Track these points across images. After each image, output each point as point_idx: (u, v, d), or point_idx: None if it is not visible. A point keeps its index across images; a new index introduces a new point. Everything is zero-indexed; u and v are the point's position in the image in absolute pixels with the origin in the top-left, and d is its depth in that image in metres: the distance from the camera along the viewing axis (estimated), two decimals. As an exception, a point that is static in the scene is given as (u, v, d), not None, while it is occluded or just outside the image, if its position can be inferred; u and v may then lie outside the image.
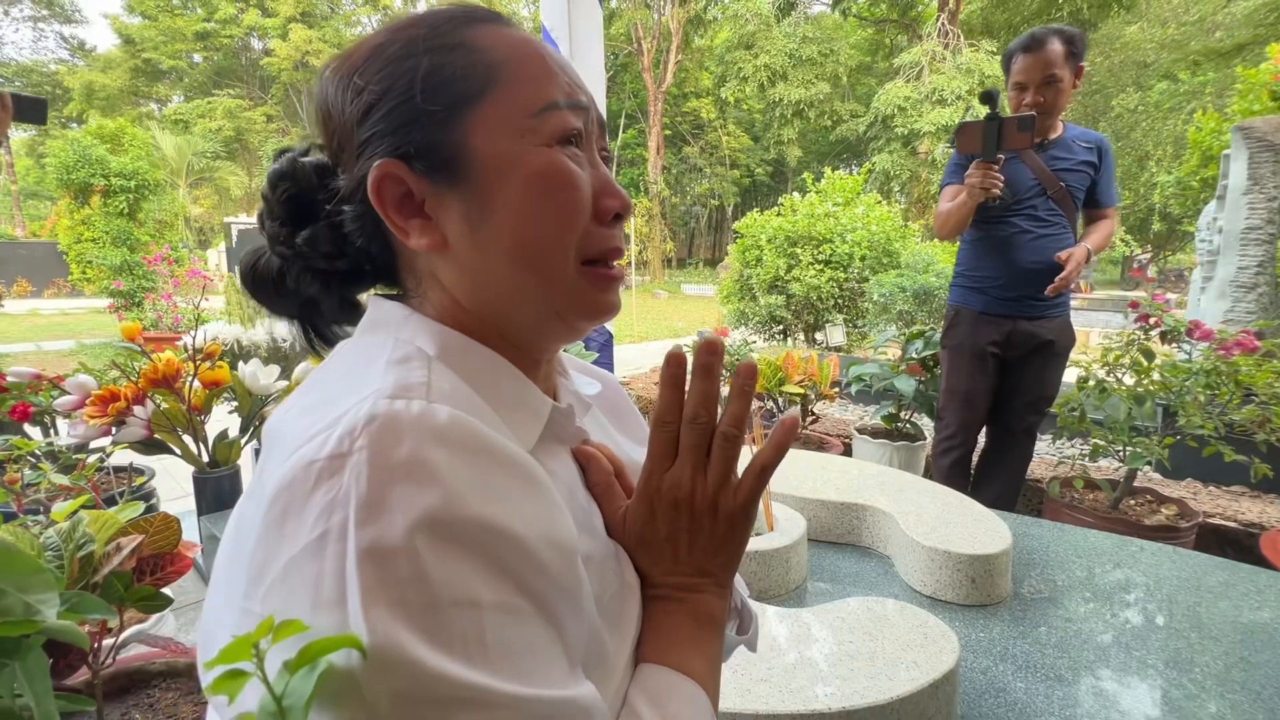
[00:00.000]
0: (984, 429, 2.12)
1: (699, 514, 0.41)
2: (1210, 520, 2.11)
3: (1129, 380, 1.99)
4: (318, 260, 0.42)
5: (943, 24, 16.39)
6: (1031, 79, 1.81)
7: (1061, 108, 1.84)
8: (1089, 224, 2.00)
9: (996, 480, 2.10)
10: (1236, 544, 2.07)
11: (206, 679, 0.32)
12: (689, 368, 0.41)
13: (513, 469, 0.33)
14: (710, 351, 0.39)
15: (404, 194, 0.38)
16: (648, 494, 0.41)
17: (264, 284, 0.44)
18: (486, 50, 0.39)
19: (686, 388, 0.41)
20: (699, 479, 0.40)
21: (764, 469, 0.41)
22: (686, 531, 0.41)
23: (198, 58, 27.01)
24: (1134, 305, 2.02)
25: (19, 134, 27.72)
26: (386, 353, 0.36)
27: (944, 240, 2.15)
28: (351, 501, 0.28)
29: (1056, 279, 1.82)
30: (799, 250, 6.20)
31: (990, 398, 2.05)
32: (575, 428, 0.45)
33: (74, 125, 24.22)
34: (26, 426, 1.53)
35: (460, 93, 0.38)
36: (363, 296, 0.47)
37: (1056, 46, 1.78)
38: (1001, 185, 1.80)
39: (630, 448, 0.54)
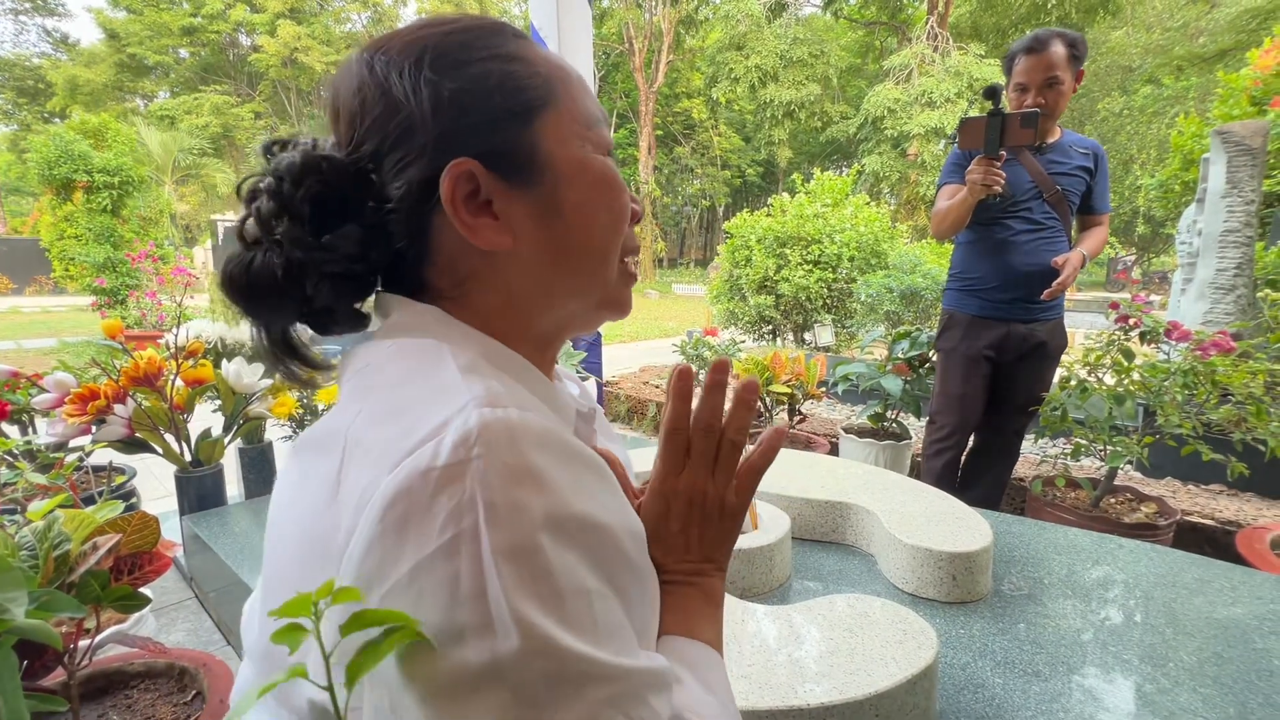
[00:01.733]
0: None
1: (710, 510, 0.45)
2: (1189, 518, 2.15)
3: (1110, 380, 2.02)
4: (335, 264, 0.39)
5: (932, 27, 16.53)
6: (1033, 80, 1.80)
7: (1061, 110, 1.84)
8: (1083, 230, 2.01)
9: (984, 480, 2.12)
10: (1214, 541, 2.10)
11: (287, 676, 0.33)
12: (692, 382, 0.45)
13: (594, 468, 0.37)
14: (721, 370, 0.44)
15: (469, 193, 0.39)
16: (663, 493, 0.45)
17: (260, 290, 0.39)
18: (540, 64, 0.42)
19: (693, 399, 0.46)
20: (709, 480, 0.45)
21: (759, 470, 0.46)
22: (699, 525, 0.45)
23: (184, 53, 26.70)
24: (1114, 306, 2.04)
25: (0, 128, 27.28)
26: (448, 359, 0.38)
27: (941, 239, 2.16)
28: (479, 506, 0.30)
29: (1054, 284, 1.82)
30: (788, 251, 6.24)
31: (984, 401, 2.06)
32: (590, 430, 0.49)
33: (57, 120, 23.85)
34: (4, 425, 1.51)
35: (531, 100, 0.41)
36: (368, 303, 0.46)
37: (1059, 49, 1.77)
38: (1003, 182, 1.78)
39: None
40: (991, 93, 1.71)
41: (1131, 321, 2.00)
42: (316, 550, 0.33)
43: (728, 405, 0.45)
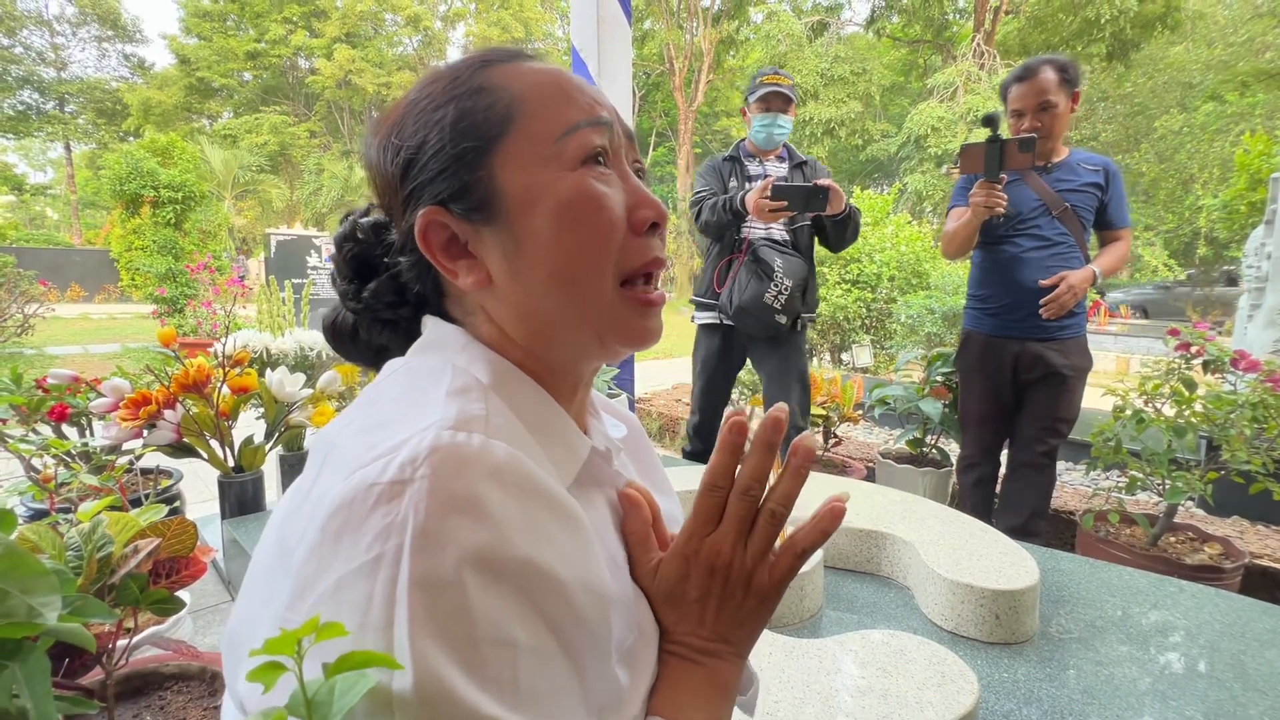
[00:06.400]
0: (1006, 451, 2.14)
1: (733, 585, 0.41)
2: (1258, 561, 2.00)
3: (1169, 411, 1.91)
4: (383, 311, 0.46)
5: (978, 45, 16.24)
6: (1027, 105, 1.89)
7: (1059, 132, 1.91)
8: (1103, 245, 2.03)
9: (1019, 506, 2.04)
10: (1287, 588, 1.95)
11: (234, 675, 0.33)
12: (749, 436, 0.41)
13: (559, 511, 0.34)
14: (775, 429, 0.39)
15: (449, 237, 0.41)
16: (685, 554, 0.41)
17: (343, 338, 0.48)
18: (505, 88, 0.40)
19: (741, 456, 0.41)
20: (739, 550, 0.41)
21: (804, 552, 0.41)
22: (717, 598, 0.41)
23: (247, 76, 28.22)
24: (1174, 332, 1.94)
25: (80, 147, 29.28)
26: (446, 379, 0.37)
27: (951, 260, 2.23)
28: (409, 529, 0.29)
29: (1043, 301, 1.87)
30: (825, 269, 6.15)
31: (1006, 419, 2.09)
32: (612, 471, 0.45)
33: (131, 139, 25.43)
34: (64, 426, 1.58)
35: (485, 134, 0.39)
36: None
37: (1049, 74, 1.86)
38: (1005, 204, 1.86)
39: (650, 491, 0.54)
40: (989, 120, 1.82)
41: (1194, 349, 1.89)
42: (282, 553, 0.32)
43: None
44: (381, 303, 0.45)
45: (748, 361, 2.40)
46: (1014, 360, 1.99)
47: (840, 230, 2.15)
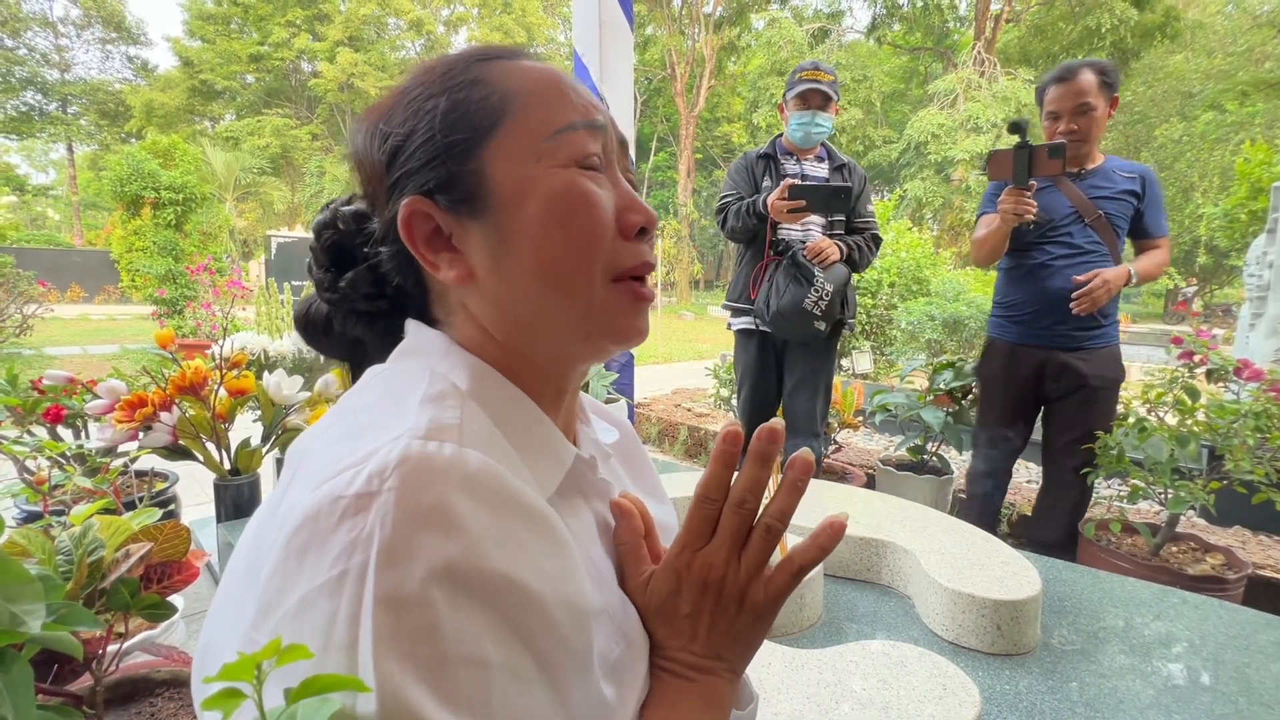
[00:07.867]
0: (1041, 468, 2.09)
1: (726, 600, 0.40)
2: (1261, 572, 1.99)
3: (1171, 419, 1.90)
4: (360, 302, 0.44)
5: (979, 52, 16.30)
6: (1064, 108, 1.83)
7: (1096, 136, 1.85)
8: (1139, 254, 1.96)
9: (1053, 522, 2.01)
10: (1290, 599, 1.94)
11: (202, 694, 0.32)
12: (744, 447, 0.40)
13: (536, 523, 0.33)
14: (770, 440, 0.38)
15: (433, 230, 0.39)
16: (677, 568, 0.40)
17: (315, 329, 0.47)
18: (500, 82, 0.40)
19: (737, 467, 0.40)
20: (732, 564, 0.39)
21: (801, 569, 0.39)
22: (709, 614, 0.40)
23: (250, 79, 28.30)
24: (1177, 341, 1.93)
25: (82, 148, 29.35)
26: (421, 386, 0.36)
27: (980, 267, 2.19)
28: (374, 543, 0.27)
29: (1075, 295, 1.80)
30: (826, 275, 6.14)
31: (1025, 431, 2.03)
32: (599, 480, 0.44)
33: (134, 141, 25.47)
34: (59, 428, 1.57)
35: (477, 125, 0.39)
36: None
37: (1089, 76, 1.80)
38: (1034, 210, 1.80)
39: (643, 500, 0.53)
40: (1016, 127, 1.76)
41: (1197, 358, 1.88)
42: (252, 567, 0.31)
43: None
44: (358, 293, 0.44)
45: None
46: (1039, 370, 1.93)
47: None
